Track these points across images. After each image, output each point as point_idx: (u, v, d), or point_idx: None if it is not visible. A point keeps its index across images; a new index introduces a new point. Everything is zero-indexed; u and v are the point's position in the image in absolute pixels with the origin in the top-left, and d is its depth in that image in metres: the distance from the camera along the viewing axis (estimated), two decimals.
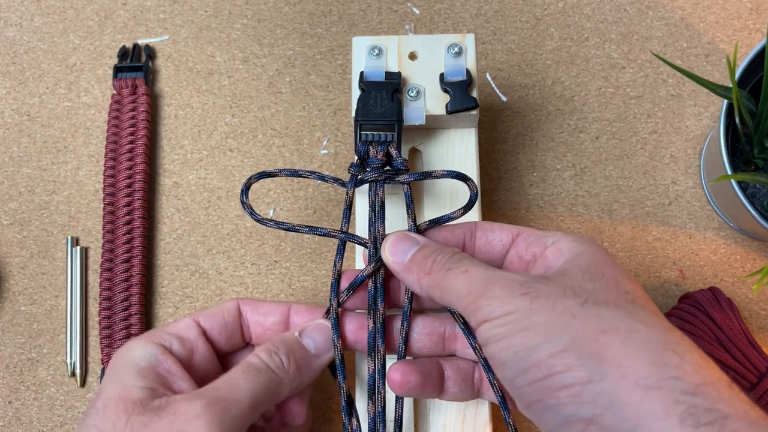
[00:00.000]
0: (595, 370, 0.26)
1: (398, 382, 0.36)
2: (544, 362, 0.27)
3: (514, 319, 0.29)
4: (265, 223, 0.40)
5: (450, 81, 0.42)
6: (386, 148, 0.41)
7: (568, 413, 0.27)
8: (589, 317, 0.28)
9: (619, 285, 0.30)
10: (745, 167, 0.46)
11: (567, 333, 0.27)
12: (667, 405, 0.25)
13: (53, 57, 0.55)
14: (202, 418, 0.31)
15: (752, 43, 0.53)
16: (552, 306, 0.29)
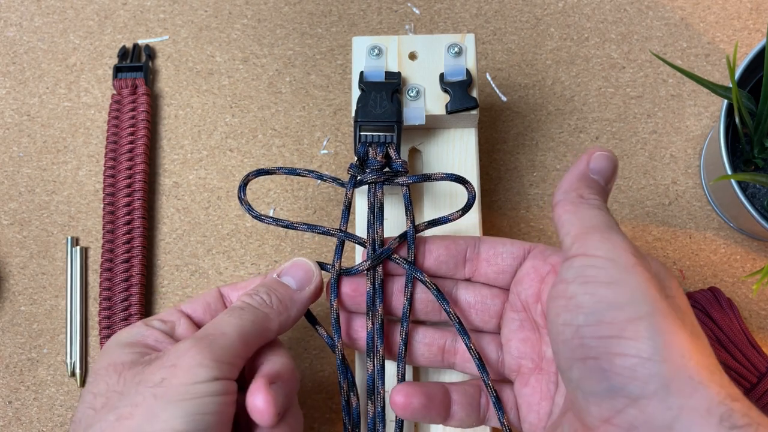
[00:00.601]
0: (659, 350, 0.26)
1: (401, 404, 0.36)
2: (619, 323, 0.27)
3: (613, 267, 0.28)
4: (263, 219, 0.40)
5: (450, 81, 0.42)
6: (385, 150, 0.41)
7: (617, 384, 0.26)
8: (671, 303, 0.28)
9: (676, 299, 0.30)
10: (745, 167, 0.46)
11: (651, 305, 0.27)
12: (711, 404, 0.25)
13: (53, 57, 0.55)
14: (191, 350, 0.32)
15: (752, 43, 0.53)
16: (649, 278, 0.28)
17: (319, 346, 0.48)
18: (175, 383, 0.31)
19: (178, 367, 0.32)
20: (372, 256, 0.38)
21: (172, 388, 0.31)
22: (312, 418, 0.47)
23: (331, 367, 0.48)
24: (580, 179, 0.33)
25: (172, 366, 0.32)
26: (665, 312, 0.27)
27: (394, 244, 0.39)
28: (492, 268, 0.37)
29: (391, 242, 0.39)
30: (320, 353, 0.48)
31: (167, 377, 0.31)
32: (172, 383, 0.31)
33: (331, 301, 0.38)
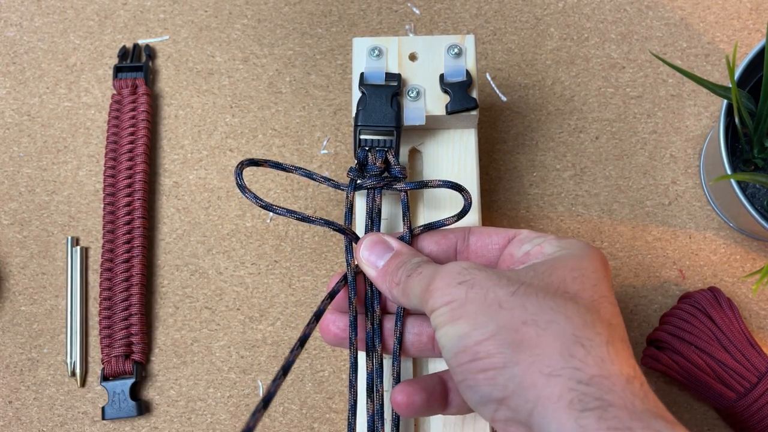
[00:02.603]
0: (510, 358, 0.29)
1: (404, 403, 0.36)
2: (471, 348, 0.30)
3: (450, 309, 0.32)
4: (274, 209, 0.38)
5: (450, 81, 0.42)
6: (385, 155, 0.41)
7: (484, 393, 0.30)
8: (515, 307, 0.30)
9: (563, 284, 0.31)
10: (744, 167, 0.46)
11: (493, 322, 0.30)
12: (562, 391, 0.28)
13: (53, 57, 0.55)
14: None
15: (752, 43, 0.53)
16: (484, 295, 0.31)
17: (319, 346, 0.48)
18: None
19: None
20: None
21: None
22: (312, 418, 0.47)
23: (332, 367, 0.48)
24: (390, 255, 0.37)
25: None
26: (508, 321, 0.30)
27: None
28: (480, 259, 0.37)
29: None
30: (320, 353, 0.48)
31: None
32: None
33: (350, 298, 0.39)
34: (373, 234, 0.38)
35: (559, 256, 0.33)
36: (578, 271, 0.32)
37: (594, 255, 0.33)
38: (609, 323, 0.30)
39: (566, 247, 0.33)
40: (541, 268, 0.32)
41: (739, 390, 0.43)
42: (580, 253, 0.33)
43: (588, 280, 0.31)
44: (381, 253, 0.37)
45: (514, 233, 0.36)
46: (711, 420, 0.46)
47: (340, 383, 0.47)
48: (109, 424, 0.48)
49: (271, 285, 0.49)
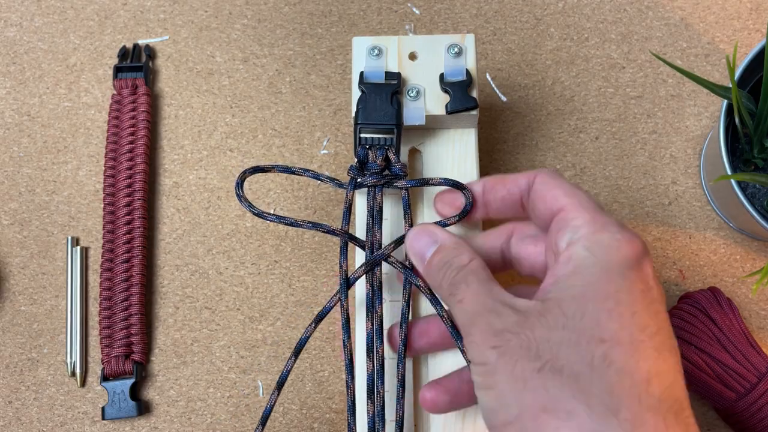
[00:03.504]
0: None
1: (430, 402, 0.36)
2: (497, 428, 0.30)
3: (484, 372, 0.30)
4: (265, 217, 0.39)
5: (450, 81, 0.42)
6: (385, 153, 0.41)
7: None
8: (538, 388, 0.28)
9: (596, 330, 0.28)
10: (744, 167, 0.46)
11: (517, 403, 0.29)
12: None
13: (53, 57, 0.55)
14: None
15: (752, 43, 0.53)
16: (512, 368, 0.29)
17: (319, 347, 0.48)
18: None
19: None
20: (366, 261, 0.39)
21: None
22: (312, 418, 0.47)
23: (332, 367, 0.48)
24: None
25: None
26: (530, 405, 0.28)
27: (389, 249, 0.39)
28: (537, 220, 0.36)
29: (386, 247, 0.39)
30: (320, 353, 0.48)
31: None
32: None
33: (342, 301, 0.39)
34: (420, 225, 0.37)
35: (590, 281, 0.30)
36: (613, 299, 0.29)
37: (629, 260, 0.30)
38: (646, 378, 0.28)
39: (597, 253, 0.30)
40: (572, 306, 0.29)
41: (739, 390, 0.43)
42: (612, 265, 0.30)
43: (625, 309, 0.29)
44: (425, 247, 0.36)
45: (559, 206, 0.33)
46: (711, 420, 0.46)
47: (340, 383, 0.47)
48: (109, 424, 0.48)
49: (271, 285, 0.49)
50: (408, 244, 0.37)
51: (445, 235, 0.36)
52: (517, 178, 0.36)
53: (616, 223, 0.31)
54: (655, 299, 0.29)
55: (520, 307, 0.30)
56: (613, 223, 0.31)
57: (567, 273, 0.30)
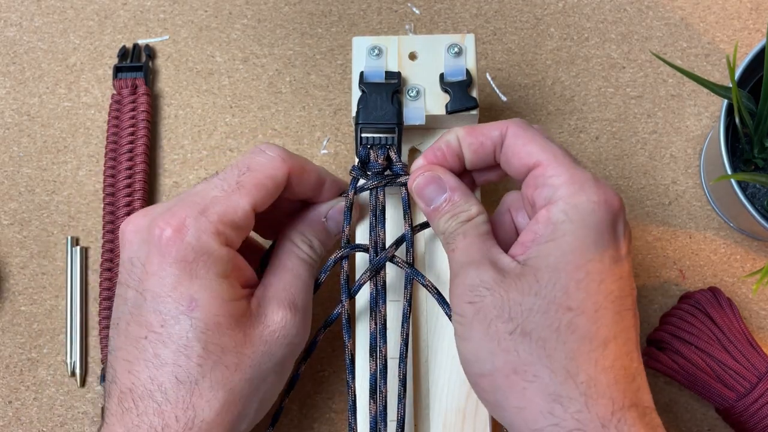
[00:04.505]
0: (500, 403, 0.32)
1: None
2: (473, 377, 0.34)
3: (461, 322, 0.34)
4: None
5: (450, 81, 0.42)
6: (386, 152, 0.41)
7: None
8: (509, 350, 0.31)
9: (564, 299, 0.31)
10: (745, 167, 0.46)
11: (490, 361, 0.32)
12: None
13: (53, 57, 0.55)
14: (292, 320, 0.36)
15: (752, 43, 0.53)
16: (487, 326, 0.32)
17: (319, 347, 0.48)
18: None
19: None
20: (371, 264, 0.39)
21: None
22: (312, 418, 0.47)
23: (332, 368, 0.48)
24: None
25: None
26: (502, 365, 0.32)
27: (392, 251, 0.39)
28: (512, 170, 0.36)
29: (389, 249, 0.39)
30: (320, 353, 0.48)
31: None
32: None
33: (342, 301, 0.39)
34: (428, 170, 0.37)
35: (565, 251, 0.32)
36: (584, 270, 0.31)
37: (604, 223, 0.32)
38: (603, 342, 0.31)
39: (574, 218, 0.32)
40: (545, 275, 0.32)
41: (739, 390, 0.43)
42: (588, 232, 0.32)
43: (594, 278, 0.31)
44: (435, 192, 0.37)
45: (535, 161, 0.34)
46: (711, 420, 0.46)
47: (340, 383, 0.47)
48: None
49: None
50: (416, 187, 0.37)
51: (454, 183, 0.37)
52: (489, 129, 0.36)
53: (592, 180, 0.33)
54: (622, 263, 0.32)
55: (502, 266, 0.33)
56: (589, 182, 0.33)
57: (545, 237, 0.32)
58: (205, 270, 0.34)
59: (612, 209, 0.32)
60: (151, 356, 0.33)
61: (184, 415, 0.33)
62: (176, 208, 0.35)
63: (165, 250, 0.33)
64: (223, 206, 0.35)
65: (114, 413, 0.33)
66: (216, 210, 0.34)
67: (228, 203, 0.35)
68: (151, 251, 0.34)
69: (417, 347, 0.42)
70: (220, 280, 0.34)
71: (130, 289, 0.34)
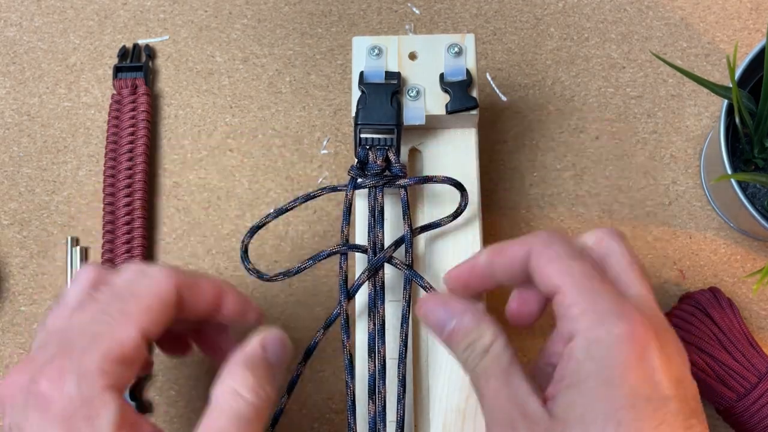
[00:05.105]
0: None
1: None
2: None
3: None
4: (275, 280, 0.41)
5: (450, 81, 0.42)
6: (385, 154, 0.41)
7: None
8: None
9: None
10: (745, 167, 0.46)
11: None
12: None
13: (53, 57, 0.55)
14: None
15: (752, 43, 0.53)
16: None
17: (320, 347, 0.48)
18: None
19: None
20: (369, 264, 0.39)
21: None
22: (312, 418, 0.47)
23: (332, 368, 0.48)
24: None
25: None
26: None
27: (390, 251, 0.39)
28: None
29: (387, 249, 0.39)
30: (320, 353, 0.48)
31: None
32: None
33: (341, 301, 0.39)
34: (432, 295, 0.35)
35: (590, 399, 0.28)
36: (614, 421, 0.27)
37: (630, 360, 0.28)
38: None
39: (596, 357, 0.28)
40: (576, 427, 0.28)
41: (739, 390, 0.43)
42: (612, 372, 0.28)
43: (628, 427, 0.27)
44: (444, 318, 0.33)
45: (554, 287, 0.30)
46: (711, 420, 0.46)
47: (340, 383, 0.47)
48: None
49: (271, 285, 0.49)
50: (422, 314, 0.34)
51: (461, 308, 0.33)
52: (514, 249, 0.33)
53: (615, 307, 0.29)
54: (660, 402, 0.28)
55: (533, 417, 0.29)
56: (611, 310, 0.29)
57: (569, 381, 0.29)
58: (87, 425, 0.29)
59: (639, 339, 0.28)
60: None
61: None
62: (56, 357, 0.30)
63: (43, 405, 0.29)
64: (107, 342, 0.31)
65: None
66: (101, 348, 0.30)
67: (113, 337, 0.31)
68: (30, 412, 0.29)
69: (417, 347, 0.42)
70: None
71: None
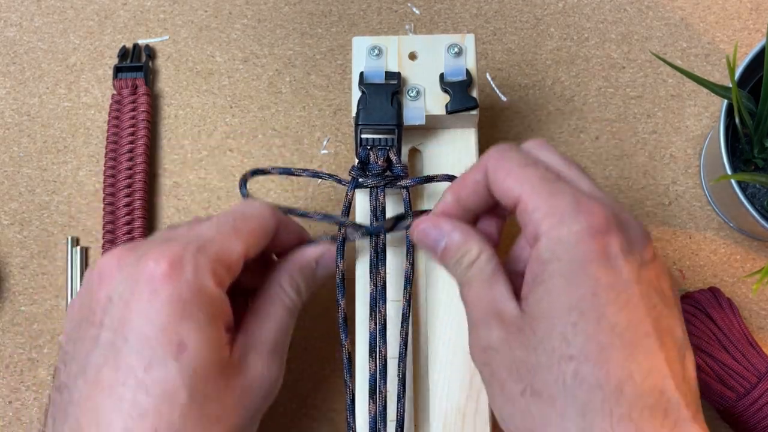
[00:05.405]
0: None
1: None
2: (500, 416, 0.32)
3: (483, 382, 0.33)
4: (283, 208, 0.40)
5: (450, 81, 0.42)
6: (386, 154, 0.41)
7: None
8: (524, 411, 0.29)
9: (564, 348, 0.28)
10: (745, 167, 0.46)
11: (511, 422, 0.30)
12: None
13: (53, 57, 0.55)
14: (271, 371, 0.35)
15: (752, 43, 0.53)
16: (501, 388, 0.31)
17: (319, 347, 0.48)
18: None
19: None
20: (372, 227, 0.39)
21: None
22: (312, 418, 0.47)
23: (331, 367, 0.48)
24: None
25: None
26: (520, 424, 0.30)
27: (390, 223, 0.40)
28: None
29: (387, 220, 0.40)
30: (320, 353, 0.48)
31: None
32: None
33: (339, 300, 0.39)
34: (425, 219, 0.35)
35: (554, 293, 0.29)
36: (577, 311, 0.28)
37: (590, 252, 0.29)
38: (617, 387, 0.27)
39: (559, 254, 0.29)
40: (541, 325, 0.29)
41: (739, 390, 0.43)
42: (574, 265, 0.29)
43: (590, 316, 0.28)
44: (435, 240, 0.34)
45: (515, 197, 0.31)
46: (711, 420, 0.46)
47: (340, 383, 0.47)
48: None
49: None
50: (417, 238, 0.35)
51: (450, 227, 0.34)
52: (472, 176, 0.34)
53: (572, 205, 0.30)
54: (622, 286, 0.28)
55: (507, 318, 0.31)
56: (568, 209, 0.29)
57: (537, 279, 0.30)
58: (198, 311, 0.31)
59: (597, 230, 0.29)
60: (129, 406, 0.30)
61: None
62: (171, 243, 0.32)
63: (158, 286, 0.31)
64: (219, 246, 0.33)
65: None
66: (214, 249, 0.33)
67: (224, 244, 0.34)
68: (139, 287, 0.31)
69: (417, 347, 0.42)
70: (210, 324, 0.32)
71: (104, 330, 0.31)
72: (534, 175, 0.31)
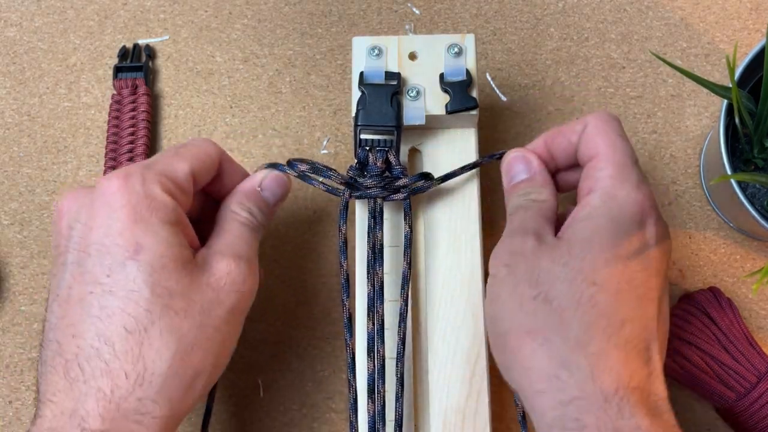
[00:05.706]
0: (510, 363, 0.33)
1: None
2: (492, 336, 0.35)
3: (492, 283, 0.35)
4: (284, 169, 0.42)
5: (450, 81, 0.42)
6: (385, 155, 0.41)
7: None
8: (529, 312, 0.33)
9: (590, 274, 0.32)
10: (745, 167, 0.46)
11: (509, 320, 0.33)
12: (546, 408, 0.31)
13: (53, 57, 0.55)
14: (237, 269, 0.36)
15: (752, 43, 0.53)
16: (513, 289, 0.34)
17: (320, 346, 0.48)
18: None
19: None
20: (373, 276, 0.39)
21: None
22: (312, 418, 0.47)
23: (332, 367, 0.48)
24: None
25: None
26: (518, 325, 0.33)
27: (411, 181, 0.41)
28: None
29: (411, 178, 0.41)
30: (320, 353, 0.48)
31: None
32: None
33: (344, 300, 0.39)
34: (521, 151, 0.40)
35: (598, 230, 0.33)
36: (611, 251, 0.33)
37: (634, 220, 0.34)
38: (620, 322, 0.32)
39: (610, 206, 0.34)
40: (577, 248, 0.33)
41: (739, 390, 0.43)
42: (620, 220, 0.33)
43: (620, 261, 0.33)
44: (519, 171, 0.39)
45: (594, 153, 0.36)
46: (711, 420, 0.46)
47: (340, 383, 0.47)
48: None
49: (271, 285, 0.49)
50: (506, 162, 0.40)
51: (538, 167, 0.39)
52: (571, 126, 0.38)
53: (636, 182, 0.35)
54: (647, 256, 0.33)
55: (544, 239, 0.35)
56: (632, 183, 0.35)
57: (582, 217, 0.34)
58: (149, 213, 0.34)
59: (641, 211, 0.34)
60: (97, 310, 0.33)
61: (134, 369, 0.32)
62: (117, 171, 0.36)
63: (111, 199, 0.34)
64: (163, 164, 0.36)
65: (62, 389, 0.32)
66: (158, 167, 0.36)
67: (168, 163, 0.36)
68: (95, 206, 0.34)
69: (417, 347, 0.42)
70: (164, 225, 0.34)
71: (69, 253, 0.34)
72: (621, 146, 0.36)
